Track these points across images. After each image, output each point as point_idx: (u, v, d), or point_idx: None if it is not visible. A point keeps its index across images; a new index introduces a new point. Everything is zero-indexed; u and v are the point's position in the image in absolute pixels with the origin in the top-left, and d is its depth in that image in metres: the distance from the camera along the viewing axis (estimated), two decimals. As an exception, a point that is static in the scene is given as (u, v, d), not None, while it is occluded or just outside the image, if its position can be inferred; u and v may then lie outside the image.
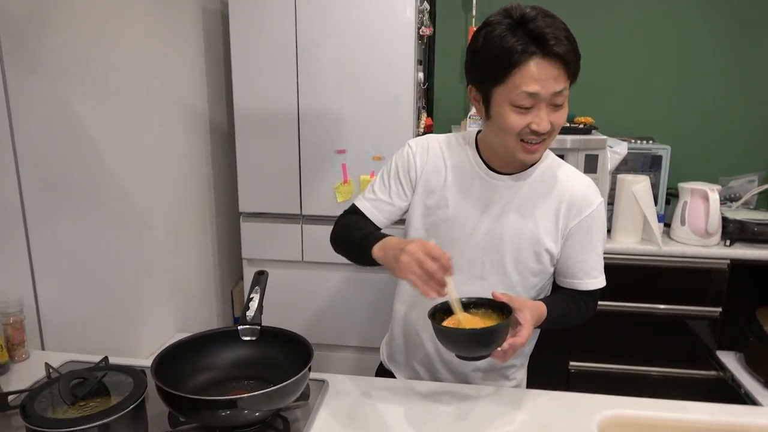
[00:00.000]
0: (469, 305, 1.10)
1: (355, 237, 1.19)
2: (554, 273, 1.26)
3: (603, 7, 2.58)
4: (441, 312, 1.08)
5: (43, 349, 1.43)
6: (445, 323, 1.06)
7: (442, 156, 1.25)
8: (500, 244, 1.20)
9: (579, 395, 1.19)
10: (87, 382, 0.99)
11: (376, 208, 1.28)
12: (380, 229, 1.29)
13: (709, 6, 2.53)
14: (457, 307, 1.06)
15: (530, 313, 1.07)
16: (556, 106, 1.08)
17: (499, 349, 1.02)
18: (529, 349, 1.36)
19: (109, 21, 1.66)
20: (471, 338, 1.02)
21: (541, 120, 1.07)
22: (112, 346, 1.67)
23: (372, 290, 2.32)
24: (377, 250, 1.11)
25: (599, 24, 2.58)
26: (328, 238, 1.29)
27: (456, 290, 1.04)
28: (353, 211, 1.30)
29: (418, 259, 1.00)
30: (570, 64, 1.04)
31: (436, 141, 1.27)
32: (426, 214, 1.25)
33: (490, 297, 1.08)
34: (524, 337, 1.03)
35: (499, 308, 1.08)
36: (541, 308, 1.13)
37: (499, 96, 1.08)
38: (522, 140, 1.10)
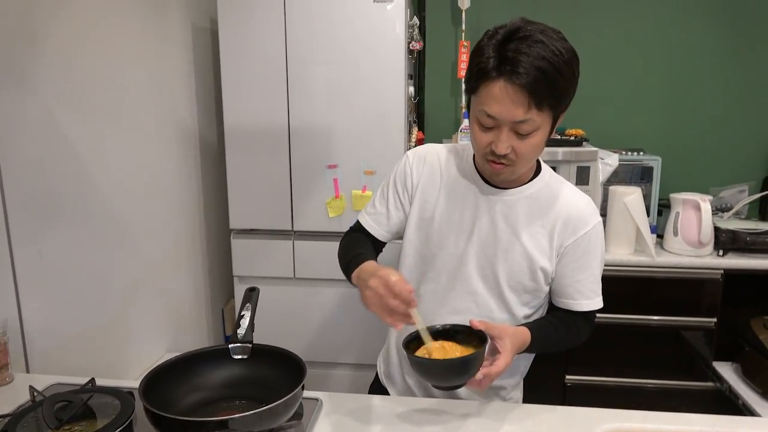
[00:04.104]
0: (449, 332, 1.08)
1: (346, 259, 1.19)
2: (549, 292, 1.24)
3: (593, 18, 2.61)
4: (417, 341, 1.07)
5: (27, 371, 1.39)
6: (418, 353, 1.04)
7: (439, 167, 1.23)
8: (493, 260, 1.18)
9: (578, 409, 1.17)
10: (72, 405, 0.96)
11: (375, 222, 1.27)
12: (383, 243, 1.29)
13: (699, 19, 2.56)
14: (425, 336, 1.04)
15: (510, 341, 1.05)
16: (521, 134, 1.03)
17: (474, 378, 1.00)
18: (524, 368, 1.33)
19: (98, 36, 1.64)
20: (443, 368, 1.01)
21: (500, 142, 1.04)
22: (100, 368, 1.63)
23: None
24: (354, 278, 1.11)
25: (589, 36, 2.60)
26: (320, 254, 1.28)
27: (422, 320, 1.03)
28: (356, 228, 1.30)
29: (379, 294, 1.00)
30: (538, 96, 0.98)
31: (434, 151, 1.26)
32: (420, 225, 1.23)
33: (468, 324, 1.06)
34: (500, 366, 1.02)
35: (478, 335, 1.06)
36: (524, 334, 1.10)
37: (473, 107, 1.08)
38: (487, 158, 1.09)
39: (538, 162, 1.21)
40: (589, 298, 1.19)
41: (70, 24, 1.52)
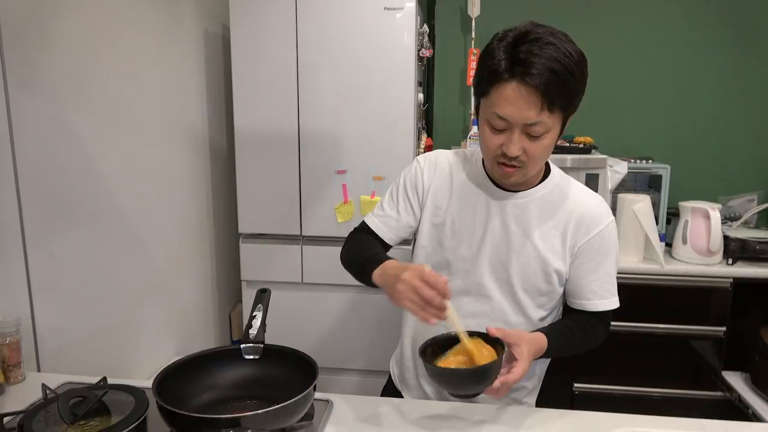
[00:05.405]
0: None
1: (359, 258, 1.18)
2: (564, 294, 1.23)
3: (603, 28, 2.62)
4: (432, 347, 1.06)
5: (39, 370, 1.40)
6: (439, 361, 1.03)
7: (449, 171, 1.23)
8: (507, 263, 1.18)
9: (591, 414, 1.17)
10: (87, 401, 0.96)
11: (384, 225, 1.27)
12: (390, 246, 1.28)
13: (707, 27, 2.57)
14: (460, 331, 1.03)
15: (527, 347, 1.04)
16: (532, 136, 1.04)
17: (491, 386, 1.00)
18: (541, 372, 1.32)
19: (111, 41, 1.66)
20: (460, 377, 1.00)
21: (512, 144, 1.04)
22: (109, 368, 1.62)
23: (374, 311, 2.29)
24: (377, 275, 1.10)
25: (599, 45, 2.61)
26: (329, 259, 1.27)
27: (457, 314, 1.02)
28: (363, 229, 1.29)
29: (414, 286, 0.98)
30: (551, 98, 0.99)
31: (444, 156, 1.26)
32: (433, 231, 1.23)
33: (484, 331, 1.06)
34: (518, 373, 1.01)
35: (494, 340, 1.05)
36: (540, 340, 1.10)
37: (483, 110, 1.08)
38: (498, 161, 1.09)
39: (547, 164, 1.21)
40: (604, 298, 1.19)
41: (84, 29, 1.54)
